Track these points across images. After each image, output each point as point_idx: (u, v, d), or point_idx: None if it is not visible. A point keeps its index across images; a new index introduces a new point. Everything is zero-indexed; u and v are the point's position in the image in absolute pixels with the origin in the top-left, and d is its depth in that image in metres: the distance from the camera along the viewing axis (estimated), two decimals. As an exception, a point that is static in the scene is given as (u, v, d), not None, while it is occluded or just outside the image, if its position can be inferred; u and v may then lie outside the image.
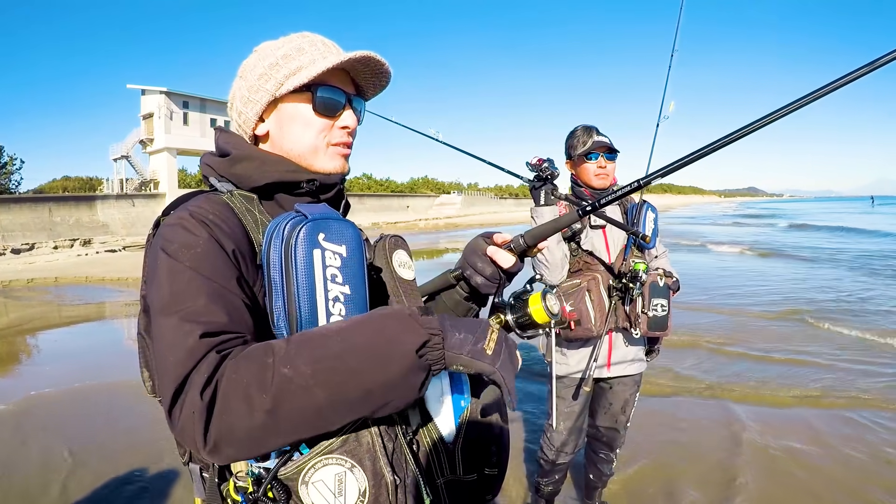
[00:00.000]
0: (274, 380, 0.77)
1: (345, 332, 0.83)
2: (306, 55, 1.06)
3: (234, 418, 0.77)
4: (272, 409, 0.77)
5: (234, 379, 0.78)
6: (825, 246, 19.33)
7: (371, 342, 0.82)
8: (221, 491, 0.97)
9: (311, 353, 0.80)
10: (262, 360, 0.79)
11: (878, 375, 5.30)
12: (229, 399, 0.77)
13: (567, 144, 2.75)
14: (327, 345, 0.81)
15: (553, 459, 2.80)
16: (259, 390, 0.77)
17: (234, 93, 1.12)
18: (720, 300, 9.15)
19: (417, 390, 0.86)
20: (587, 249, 2.64)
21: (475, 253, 1.08)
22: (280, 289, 0.90)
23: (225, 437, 0.77)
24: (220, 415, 0.77)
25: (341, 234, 0.93)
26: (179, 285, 0.87)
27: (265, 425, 0.77)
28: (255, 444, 0.79)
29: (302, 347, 0.81)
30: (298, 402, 0.78)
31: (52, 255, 20.30)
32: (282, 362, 0.79)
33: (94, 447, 4.08)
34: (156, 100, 37.39)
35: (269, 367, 0.78)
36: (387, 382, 0.82)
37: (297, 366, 0.79)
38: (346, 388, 0.80)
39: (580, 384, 2.70)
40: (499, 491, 1.12)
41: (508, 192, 79.77)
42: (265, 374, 0.77)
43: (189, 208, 0.96)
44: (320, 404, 0.79)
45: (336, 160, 1.11)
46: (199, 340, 0.81)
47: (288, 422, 0.78)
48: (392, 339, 0.83)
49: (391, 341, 0.83)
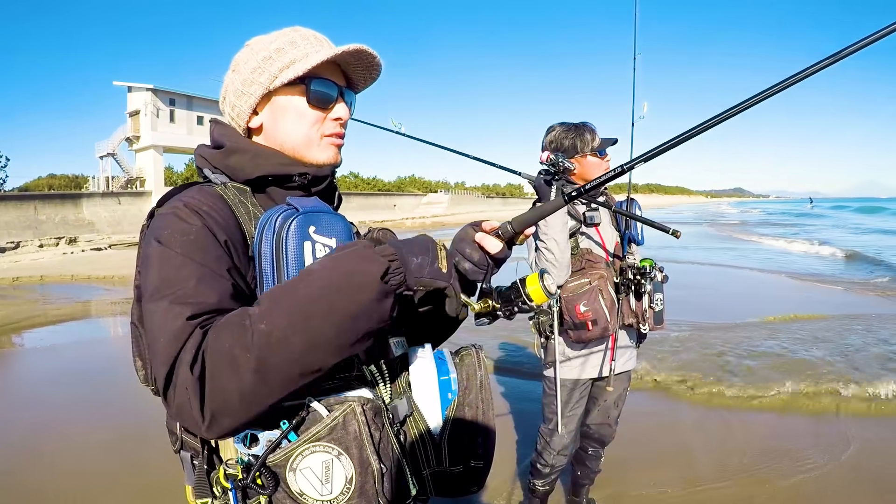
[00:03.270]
0: (254, 338, 0.78)
1: (312, 276, 0.85)
2: (299, 49, 1.08)
3: (225, 385, 0.78)
4: (258, 367, 0.78)
5: (216, 347, 0.79)
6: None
7: (337, 280, 0.84)
8: (211, 479, 0.99)
9: (284, 304, 0.82)
10: (239, 323, 0.80)
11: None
12: (217, 367, 0.78)
13: (571, 140, 2.66)
14: (296, 292, 0.83)
15: (552, 463, 2.80)
16: (243, 351, 0.78)
17: (227, 86, 1.13)
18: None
19: (388, 313, 0.88)
20: (585, 248, 2.64)
21: (463, 240, 1.10)
22: (271, 280, 0.92)
23: (220, 406, 0.79)
24: (212, 385, 0.78)
25: (332, 226, 0.96)
26: (170, 271, 0.88)
27: (255, 384, 0.79)
28: (250, 406, 0.81)
29: (274, 302, 0.82)
30: (282, 353, 0.79)
31: (38, 254, 20.08)
32: (258, 319, 0.80)
33: (80, 438, 4.05)
34: (142, 97, 37.02)
35: (247, 327, 0.79)
36: (358, 313, 0.83)
37: (272, 319, 0.80)
38: (322, 327, 0.81)
39: (584, 386, 2.72)
40: (484, 483, 1.14)
41: (495, 191, 79.85)
42: (245, 335, 0.79)
43: (183, 199, 0.98)
44: (303, 349, 0.81)
45: (329, 151, 1.13)
46: (186, 322, 0.82)
47: (277, 375, 0.80)
48: (355, 272, 0.85)
49: (355, 274, 0.84)
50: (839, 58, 0.82)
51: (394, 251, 0.91)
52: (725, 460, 3.72)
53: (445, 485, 1.10)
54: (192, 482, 1.03)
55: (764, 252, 17.92)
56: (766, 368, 5.42)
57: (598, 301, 2.51)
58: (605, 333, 2.53)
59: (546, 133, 2.74)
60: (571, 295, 2.52)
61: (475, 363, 1.14)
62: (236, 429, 0.83)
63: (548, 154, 2.53)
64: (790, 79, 0.85)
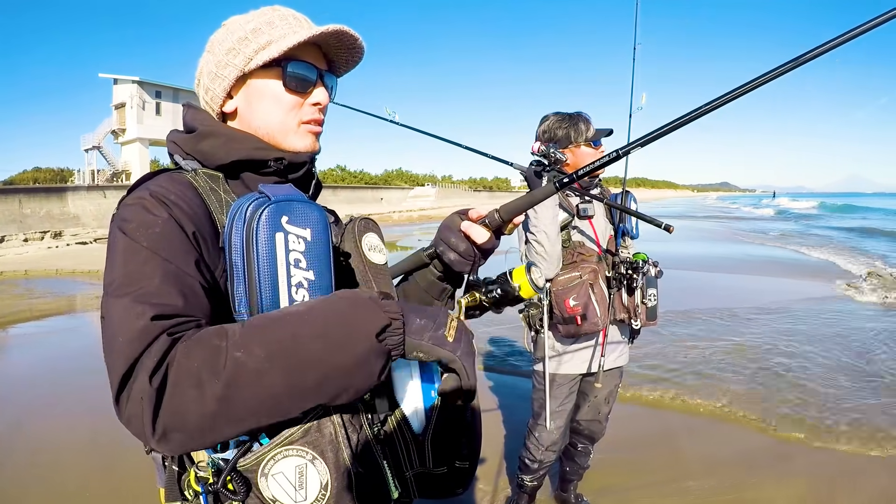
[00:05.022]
0: (227, 364, 0.73)
1: (303, 315, 0.79)
2: (277, 29, 1.02)
3: (185, 405, 0.72)
4: (224, 396, 0.72)
5: (184, 364, 0.73)
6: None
7: (330, 325, 0.78)
8: (182, 482, 0.94)
9: (266, 336, 0.76)
10: (214, 344, 0.75)
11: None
12: (180, 384, 0.72)
13: (564, 130, 2.61)
14: (283, 327, 0.77)
15: (541, 459, 2.77)
16: (211, 375, 0.72)
17: (202, 68, 1.07)
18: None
19: (377, 376, 0.81)
20: (578, 241, 2.60)
21: (449, 229, 1.04)
22: (241, 273, 0.86)
23: (175, 424, 0.73)
24: (170, 401, 0.72)
25: (306, 216, 0.90)
26: (134, 265, 0.83)
27: (217, 412, 0.73)
28: (206, 433, 0.75)
29: (257, 330, 0.77)
30: (252, 387, 0.74)
31: (23, 248, 19.81)
32: (235, 346, 0.74)
33: (58, 437, 3.98)
34: (128, 89, 36.65)
35: (221, 350, 0.74)
36: (345, 367, 0.78)
37: (251, 349, 0.74)
38: (303, 372, 0.76)
39: (573, 381, 2.69)
40: (469, 485, 1.10)
41: (482, 184, 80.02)
42: (218, 359, 0.73)
43: (150, 187, 0.92)
44: (276, 390, 0.75)
45: (306, 138, 1.08)
46: (151, 322, 0.76)
47: (241, 409, 0.74)
48: (352, 322, 0.79)
49: (351, 324, 0.79)
50: (822, 51, 0.79)
51: (399, 309, 0.84)
52: (715, 455, 3.72)
53: (429, 486, 1.06)
54: (163, 484, 0.99)
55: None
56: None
57: (588, 295, 2.47)
58: (595, 328, 2.49)
59: (540, 123, 2.70)
60: (561, 289, 2.48)
61: None
62: (185, 451, 0.78)
63: (539, 144, 2.48)
64: (788, 63, 0.81)
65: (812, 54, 0.80)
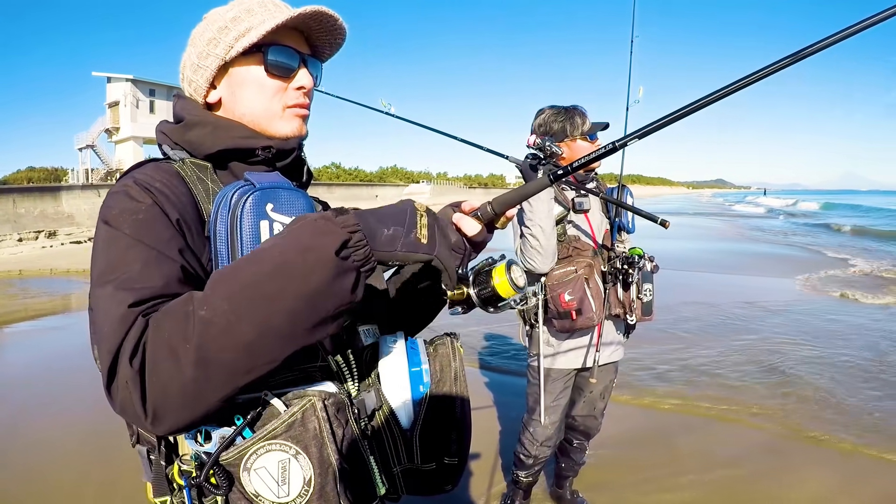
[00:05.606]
0: (195, 326, 0.70)
1: (260, 255, 0.76)
2: (255, 16, 1.00)
3: (165, 379, 0.70)
4: (199, 359, 0.70)
5: (156, 337, 0.71)
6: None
7: (287, 256, 0.74)
8: (167, 474, 0.93)
9: (229, 286, 0.73)
10: (182, 310, 0.72)
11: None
12: (156, 360, 0.71)
13: (560, 123, 2.60)
14: (243, 272, 0.74)
15: (535, 454, 2.75)
16: (182, 341, 0.70)
17: (184, 61, 1.06)
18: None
19: (350, 293, 0.78)
20: (573, 235, 2.59)
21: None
22: (226, 262, 0.85)
23: (162, 402, 0.71)
24: (152, 379, 0.71)
25: (291, 204, 0.88)
26: (116, 253, 0.81)
27: (197, 378, 0.70)
28: (193, 403, 0.72)
29: (218, 283, 0.74)
30: (224, 343, 0.71)
31: (17, 248, 19.73)
32: (199, 305, 0.72)
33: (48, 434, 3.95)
34: (122, 88, 36.47)
35: (189, 314, 0.71)
36: (311, 295, 0.74)
37: (214, 305, 0.72)
38: (270, 314, 0.72)
39: (568, 377, 2.68)
40: (459, 481, 1.08)
41: (478, 181, 79.84)
42: (186, 323, 0.71)
43: (135, 175, 0.91)
44: (247, 338, 0.71)
45: (293, 122, 1.06)
46: (129, 309, 0.75)
47: (220, 369, 0.71)
48: (306, 247, 0.75)
49: (306, 250, 0.75)
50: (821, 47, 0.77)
51: (356, 221, 0.79)
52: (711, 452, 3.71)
53: (418, 483, 1.05)
54: (149, 478, 0.98)
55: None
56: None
57: (583, 290, 2.45)
58: (590, 323, 2.48)
59: (536, 116, 2.68)
60: (556, 283, 2.47)
61: (449, 353, 1.08)
62: (183, 426, 0.75)
63: (535, 138, 2.46)
64: (788, 58, 0.79)
65: (810, 50, 0.78)
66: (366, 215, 0.84)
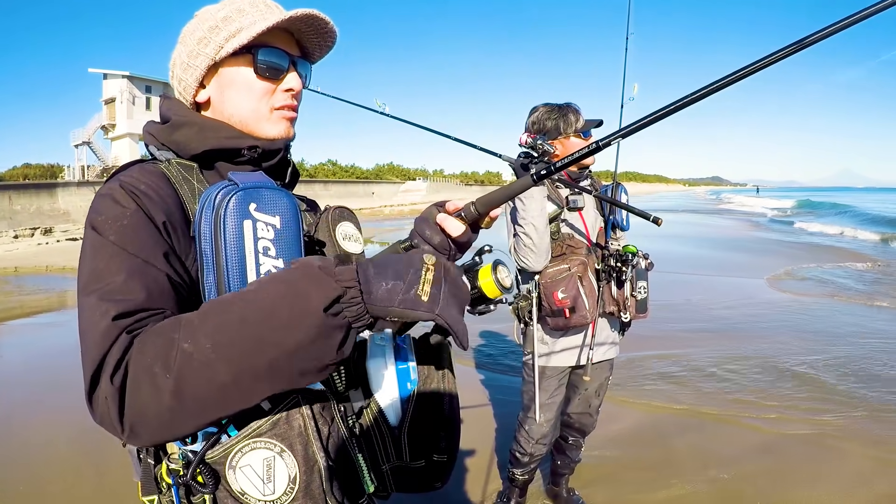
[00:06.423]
0: (177, 358, 0.71)
1: (252, 295, 0.75)
2: (247, 17, 1.00)
3: (144, 401, 0.71)
4: (176, 391, 0.70)
5: (139, 360, 0.72)
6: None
7: (277, 303, 0.73)
8: (156, 473, 0.93)
9: (214, 323, 0.73)
10: (168, 336, 0.73)
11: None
12: (136, 382, 0.72)
13: (553, 121, 2.59)
14: (229, 312, 0.74)
15: (531, 452, 2.75)
16: (163, 370, 0.71)
17: (174, 59, 1.06)
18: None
19: (335, 352, 0.75)
20: (567, 233, 2.58)
21: (425, 221, 1.02)
22: (210, 262, 0.85)
23: (139, 421, 0.72)
24: (131, 398, 0.72)
25: (275, 203, 0.87)
26: (101, 262, 0.82)
27: (172, 408, 0.71)
28: (169, 427, 0.73)
29: (206, 318, 0.74)
30: (201, 380, 0.71)
31: (13, 245, 19.69)
32: (184, 337, 0.72)
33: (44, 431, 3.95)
34: (118, 84, 36.47)
35: (174, 343, 0.72)
36: (294, 349, 0.72)
37: (197, 340, 0.71)
38: (250, 359, 0.71)
39: (562, 374, 2.67)
40: (448, 478, 1.08)
41: (474, 178, 79.83)
42: (170, 352, 0.71)
43: (120, 178, 0.91)
44: (222, 380, 0.71)
45: (280, 124, 1.06)
46: (112, 322, 0.75)
47: (194, 402, 0.72)
48: (297, 297, 0.73)
49: (295, 300, 0.73)
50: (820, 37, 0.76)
51: (353, 276, 0.77)
52: (708, 451, 3.72)
53: (407, 480, 1.04)
54: (139, 477, 0.98)
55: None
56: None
57: (577, 288, 2.45)
58: (584, 321, 2.48)
59: (529, 114, 2.68)
60: (550, 281, 2.47)
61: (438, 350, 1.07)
62: (160, 443, 0.78)
63: (527, 136, 2.46)
64: (783, 50, 0.78)
65: (809, 41, 0.77)
66: (366, 266, 0.81)
